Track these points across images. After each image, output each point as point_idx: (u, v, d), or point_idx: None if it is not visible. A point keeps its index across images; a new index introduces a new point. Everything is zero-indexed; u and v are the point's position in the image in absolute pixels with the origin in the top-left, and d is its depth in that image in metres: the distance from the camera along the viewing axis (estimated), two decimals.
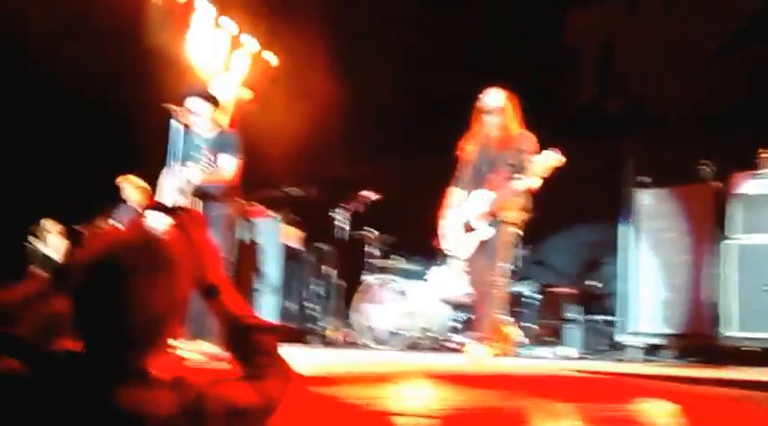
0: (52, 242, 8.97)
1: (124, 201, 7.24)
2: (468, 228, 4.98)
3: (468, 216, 4.97)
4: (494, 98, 4.93)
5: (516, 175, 4.77)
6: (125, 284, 1.38)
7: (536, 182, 4.76)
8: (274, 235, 7.52)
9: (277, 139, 7.59)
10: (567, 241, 7.41)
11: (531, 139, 4.88)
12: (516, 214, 4.90)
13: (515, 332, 5.64)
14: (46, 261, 8.85)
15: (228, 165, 5.03)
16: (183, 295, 1.47)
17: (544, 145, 4.69)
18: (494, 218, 4.87)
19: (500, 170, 4.87)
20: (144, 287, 1.39)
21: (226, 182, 5.13)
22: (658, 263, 5.73)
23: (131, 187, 7.06)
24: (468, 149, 5.06)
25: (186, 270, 1.49)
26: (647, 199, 5.87)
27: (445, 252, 5.52)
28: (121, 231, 1.55)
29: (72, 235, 8.61)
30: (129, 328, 1.39)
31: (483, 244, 4.92)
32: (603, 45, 7.82)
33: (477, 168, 5.02)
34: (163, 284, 1.42)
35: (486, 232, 4.88)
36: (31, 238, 8.78)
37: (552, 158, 4.68)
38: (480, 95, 4.99)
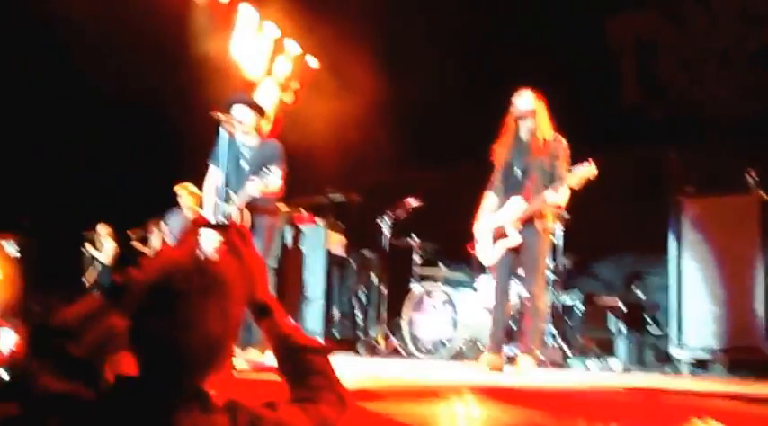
0: (104, 247, 9.26)
1: (175, 207, 7.41)
2: (500, 234, 4.96)
3: (501, 222, 4.96)
4: (525, 101, 4.91)
5: (551, 185, 4.74)
6: (182, 308, 1.39)
7: (567, 194, 4.72)
8: (319, 242, 7.57)
9: (320, 144, 7.64)
10: (611, 251, 7.32)
11: (563, 145, 4.86)
12: (552, 223, 4.89)
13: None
14: (99, 268, 9.17)
15: (275, 179, 5.09)
16: (237, 316, 1.48)
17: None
18: (531, 227, 4.84)
19: (534, 176, 4.86)
20: (200, 310, 1.40)
21: (272, 194, 5.20)
22: (705, 275, 5.62)
23: (186, 194, 7.23)
24: (501, 153, 5.03)
25: (239, 290, 1.50)
26: (693, 209, 5.76)
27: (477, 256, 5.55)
28: (176, 253, 1.56)
29: (123, 239, 8.87)
30: (186, 352, 1.40)
31: (522, 253, 4.88)
32: (644, 50, 7.71)
33: (510, 173, 5.01)
34: (218, 307, 1.42)
35: (515, 240, 4.85)
36: (86, 244, 9.09)
37: (587, 170, 4.64)
38: (512, 99, 4.96)
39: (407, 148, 8.01)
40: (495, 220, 5.02)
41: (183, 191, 7.28)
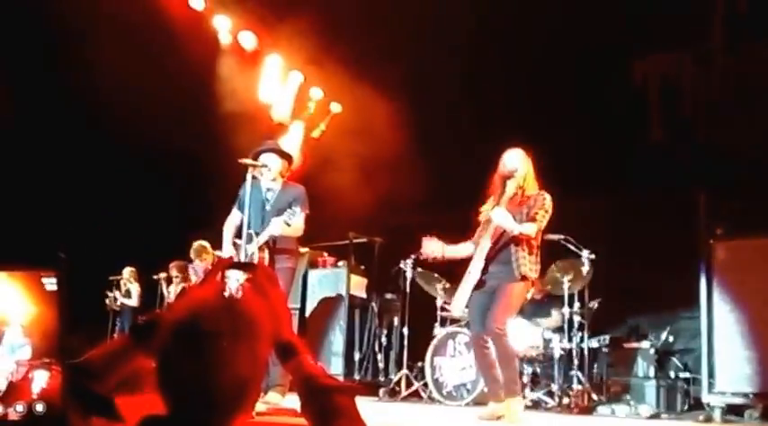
0: (131, 290, 9.39)
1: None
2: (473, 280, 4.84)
3: (472, 269, 4.85)
4: (512, 160, 4.87)
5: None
6: (211, 349, 1.38)
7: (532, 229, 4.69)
8: (340, 285, 7.56)
9: (343, 187, 7.70)
10: (640, 294, 7.19)
11: (544, 198, 4.77)
12: (530, 267, 4.75)
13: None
14: (126, 310, 9.29)
15: (299, 220, 5.13)
16: (265, 356, 1.47)
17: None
18: (504, 269, 4.73)
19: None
20: (229, 351, 1.39)
21: (294, 235, 5.25)
22: (736, 318, 5.49)
23: (195, 252, 7.34)
24: (484, 210, 4.97)
25: (266, 330, 1.49)
26: (723, 252, 5.66)
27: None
28: (203, 293, 1.54)
29: (148, 282, 8.98)
30: (215, 393, 1.38)
31: (490, 297, 4.76)
32: (670, 91, 7.73)
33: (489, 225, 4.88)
34: (247, 348, 1.42)
35: (474, 276, 4.77)
36: (114, 290, 9.24)
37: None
38: (501, 158, 4.92)
39: (430, 191, 8.03)
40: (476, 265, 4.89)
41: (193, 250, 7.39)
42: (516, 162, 4.85)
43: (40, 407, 1.56)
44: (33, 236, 6.61)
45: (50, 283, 1.23)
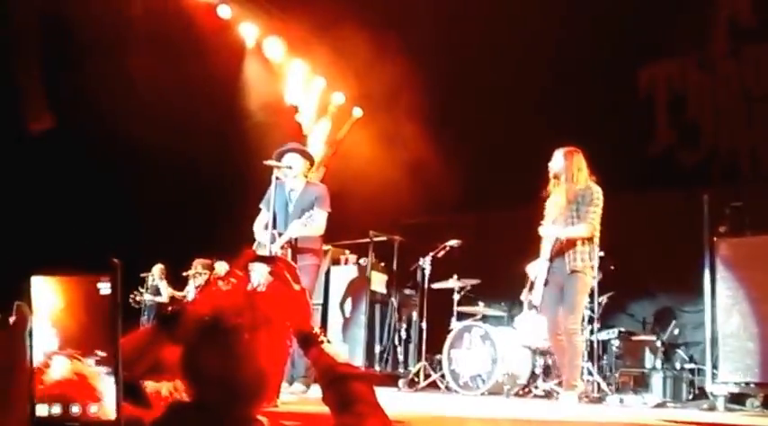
0: (159, 287, 9.68)
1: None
2: (541, 278, 5.33)
3: (541, 266, 5.32)
4: (557, 162, 5.36)
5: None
6: (234, 343, 1.42)
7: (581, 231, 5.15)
8: (361, 280, 7.84)
9: (365, 188, 7.98)
10: (648, 289, 7.47)
11: (594, 190, 5.21)
12: (587, 263, 5.18)
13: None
14: (152, 306, 9.57)
15: (320, 220, 5.35)
16: (286, 348, 1.52)
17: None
18: (564, 266, 5.18)
19: (563, 219, 5.24)
20: (252, 344, 1.43)
21: (315, 234, 5.47)
22: (740, 312, 5.76)
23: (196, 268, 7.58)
24: (547, 205, 5.43)
25: (288, 321, 1.55)
26: (726, 249, 5.93)
27: (525, 300, 5.90)
28: (226, 286, 1.56)
29: (178, 280, 9.27)
30: (238, 384, 1.43)
31: (560, 293, 5.18)
32: (676, 96, 7.96)
33: (552, 221, 5.37)
34: (269, 340, 1.46)
35: (543, 277, 5.26)
36: (141, 287, 9.51)
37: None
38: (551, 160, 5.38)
39: (447, 192, 8.29)
40: (538, 264, 5.38)
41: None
42: (559, 162, 5.32)
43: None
44: (75, 238, 6.87)
45: (105, 287, 1.22)
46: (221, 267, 7.55)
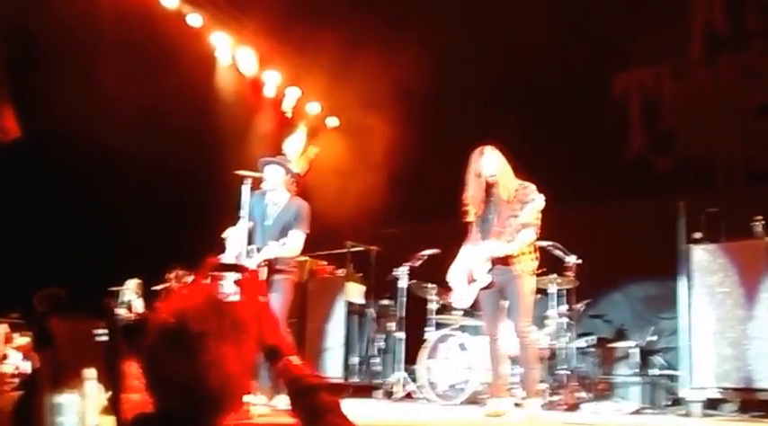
0: (131, 303, 9.47)
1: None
2: (470, 278, 5.12)
3: (471, 266, 5.11)
4: (490, 165, 5.03)
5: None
6: (198, 350, 1.40)
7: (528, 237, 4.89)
8: (338, 292, 7.77)
9: (340, 198, 7.94)
10: (624, 296, 7.49)
11: (531, 188, 4.92)
12: (529, 264, 4.99)
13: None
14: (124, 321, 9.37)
15: (297, 241, 5.29)
16: (250, 357, 1.50)
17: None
18: (506, 268, 4.95)
19: (503, 221, 4.93)
20: (217, 352, 1.41)
21: (292, 255, 5.41)
22: (715, 318, 5.78)
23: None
24: (471, 209, 5.16)
25: (254, 331, 1.53)
26: (702, 255, 5.95)
27: (452, 304, 5.75)
28: (190, 294, 1.54)
29: (150, 294, 9.11)
30: (204, 393, 1.41)
31: (500, 295, 5.05)
32: (650, 104, 8.01)
33: (484, 221, 5.13)
34: (234, 348, 1.44)
35: (484, 280, 5.02)
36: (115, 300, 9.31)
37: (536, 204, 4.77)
38: (472, 158, 5.10)
39: (423, 201, 8.27)
40: (465, 265, 5.17)
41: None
42: (495, 165, 5.02)
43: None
44: None
45: (101, 334, 1.27)
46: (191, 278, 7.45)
